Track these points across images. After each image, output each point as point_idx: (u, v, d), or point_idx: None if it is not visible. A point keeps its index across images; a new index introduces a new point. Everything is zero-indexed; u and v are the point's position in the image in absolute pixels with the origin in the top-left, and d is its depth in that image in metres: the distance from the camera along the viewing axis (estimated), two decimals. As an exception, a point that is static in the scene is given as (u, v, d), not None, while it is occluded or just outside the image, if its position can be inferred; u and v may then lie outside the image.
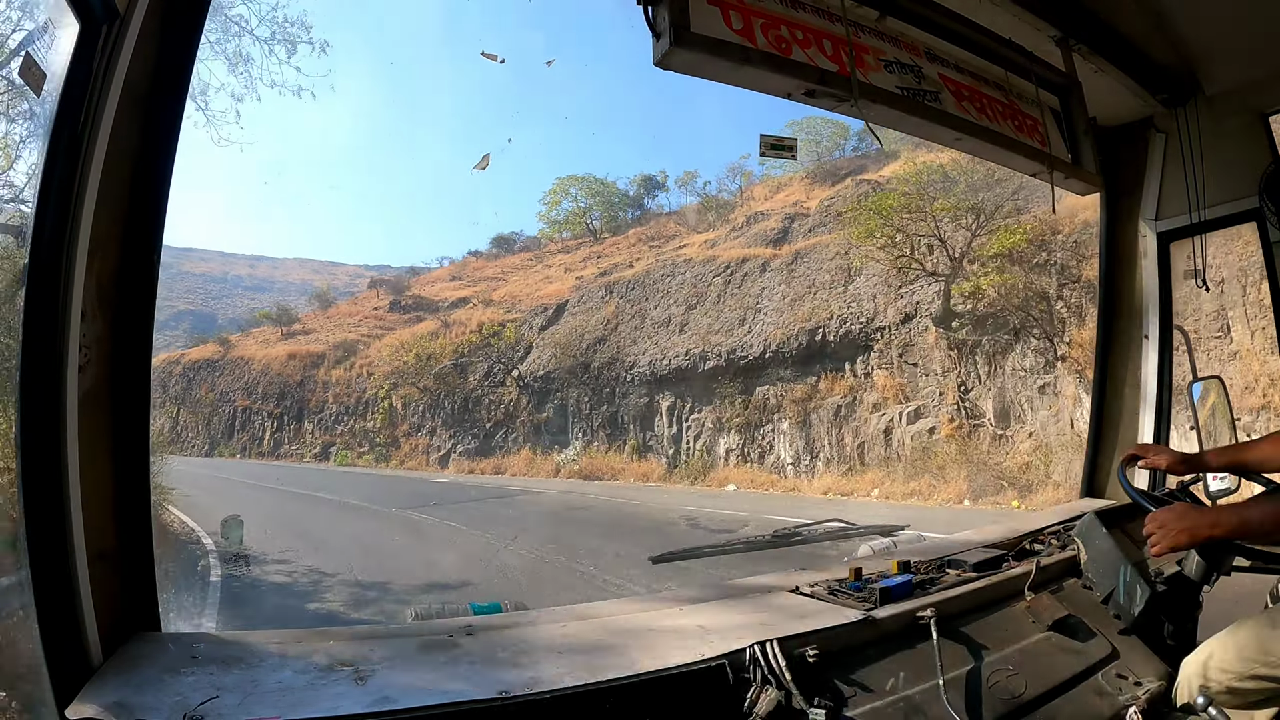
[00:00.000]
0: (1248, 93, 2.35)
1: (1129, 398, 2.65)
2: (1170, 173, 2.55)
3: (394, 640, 1.28)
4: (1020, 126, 2.01)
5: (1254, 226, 2.39)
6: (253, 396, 33.53)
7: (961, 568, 1.78)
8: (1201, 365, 2.69)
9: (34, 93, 1.07)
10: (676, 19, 1.36)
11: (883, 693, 1.32)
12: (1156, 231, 2.59)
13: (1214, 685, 1.58)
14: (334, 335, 34.29)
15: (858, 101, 1.60)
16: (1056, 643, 1.63)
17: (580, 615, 1.48)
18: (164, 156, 1.22)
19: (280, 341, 35.73)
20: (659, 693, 1.17)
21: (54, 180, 1.08)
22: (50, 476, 1.06)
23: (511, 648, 1.26)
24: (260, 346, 36.11)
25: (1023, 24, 2.06)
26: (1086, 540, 1.91)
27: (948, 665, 1.37)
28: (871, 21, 1.79)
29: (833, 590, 1.61)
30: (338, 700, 1.04)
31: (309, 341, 34.92)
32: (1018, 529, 2.20)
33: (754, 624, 1.40)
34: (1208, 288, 2.54)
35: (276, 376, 33.28)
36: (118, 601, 1.16)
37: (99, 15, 1.11)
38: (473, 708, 1.05)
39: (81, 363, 1.11)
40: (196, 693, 1.02)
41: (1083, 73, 2.19)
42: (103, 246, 1.14)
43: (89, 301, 1.12)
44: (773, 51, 1.52)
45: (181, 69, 1.24)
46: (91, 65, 1.11)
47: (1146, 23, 2.24)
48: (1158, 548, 1.59)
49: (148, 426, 1.22)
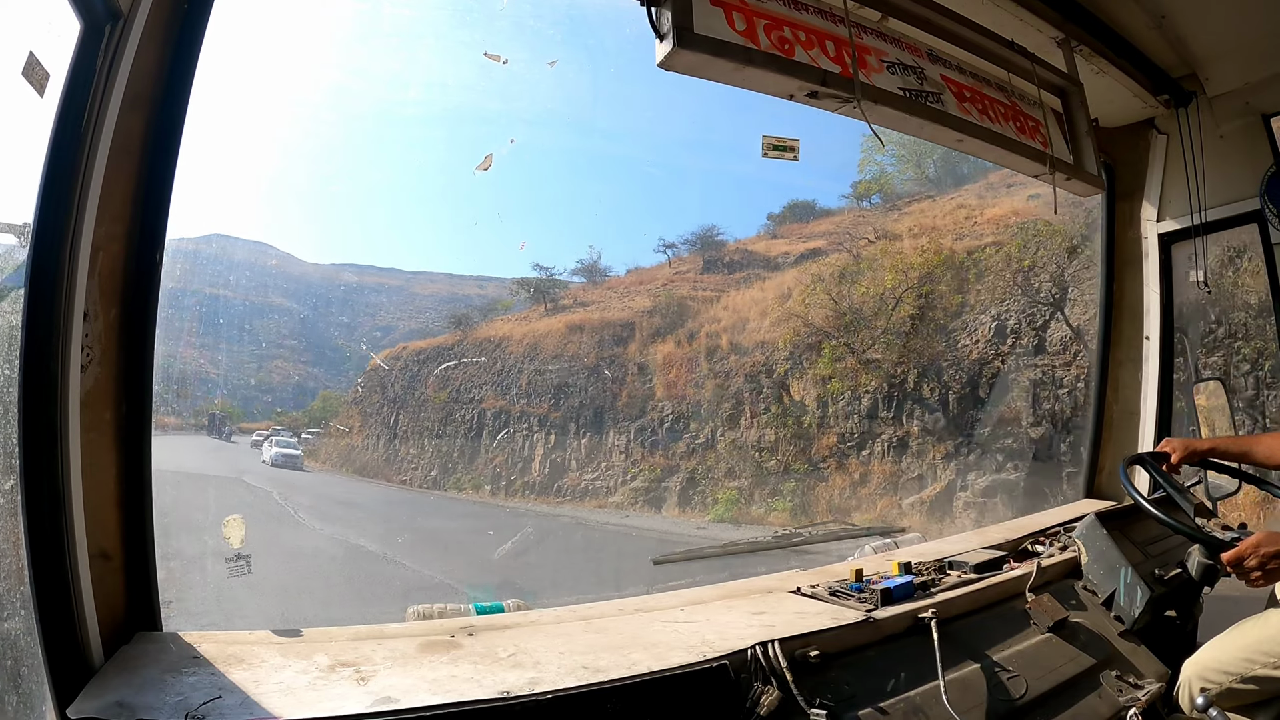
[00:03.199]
0: (1249, 94, 2.35)
1: (1130, 399, 2.65)
2: (1171, 174, 2.55)
3: (396, 640, 1.28)
4: (1022, 128, 2.00)
5: (1255, 228, 2.40)
6: (509, 394, 21.47)
7: (962, 569, 1.78)
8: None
9: (37, 92, 1.07)
10: (680, 20, 1.36)
11: (884, 693, 1.32)
12: (1158, 233, 2.59)
13: (1214, 686, 1.58)
14: (635, 301, 22.73)
15: (860, 103, 1.60)
16: (1057, 644, 1.63)
17: (582, 616, 1.48)
18: (167, 156, 1.22)
19: (546, 316, 23.81)
20: (661, 693, 1.16)
21: (57, 179, 1.08)
22: (51, 475, 1.06)
23: (513, 648, 1.26)
24: (517, 323, 24.32)
25: (1025, 25, 2.06)
26: (1087, 541, 1.91)
27: (948, 666, 1.37)
28: (874, 23, 1.79)
29: (834, 591, 1.61)
30: (339, 700, 1.04)
31: (596, 310, 22.99)
32: (1018, 530, 2.20)
33: (755, 625, 1.40)
34: (1209, 289, 2.54)
35: (550, 362, 21.28)
36: (119, 601, 1.16)
37: (102, 15, 1.11)
38: (475, 708, 1.05)
39: (84, 362, 1.11)
40: (198, 693, 1.02)
41: (1084, 74, 2.19)
42: (105, 246, 1.14)
43: (91, 301, 1.12)
44: (776, 53, 1.52)
45: (185, 69, 1.24)
46: (95, 65, 1.11)
47: (1148, 24, 2.24)
48: (1261, 582, 1.52)
49: (150, 426, 1.22)
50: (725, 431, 16.58)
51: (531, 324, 23.61)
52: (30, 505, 1.05)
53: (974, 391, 13.90)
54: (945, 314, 14.86)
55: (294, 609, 8.76)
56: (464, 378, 22.79)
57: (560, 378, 20.47)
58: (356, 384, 27.44)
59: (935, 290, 15.08)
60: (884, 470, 14.16)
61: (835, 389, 15.35)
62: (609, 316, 21.95)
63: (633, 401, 18.73)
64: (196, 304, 24.30)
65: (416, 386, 24.16)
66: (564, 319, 22.74)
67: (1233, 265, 10.07)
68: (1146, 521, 1.87)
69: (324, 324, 33.92)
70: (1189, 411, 2.49)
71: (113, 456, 1.17)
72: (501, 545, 12.94)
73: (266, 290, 32.04)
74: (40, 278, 1.06)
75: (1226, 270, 10.02)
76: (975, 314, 14.56)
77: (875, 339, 15.39)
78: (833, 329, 16.05)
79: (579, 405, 19.55)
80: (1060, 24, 2.10)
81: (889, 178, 20.60)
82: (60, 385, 1.07)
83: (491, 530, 14.58)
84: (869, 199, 21.48)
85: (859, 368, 15.26)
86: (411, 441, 22.58)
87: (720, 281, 22.06)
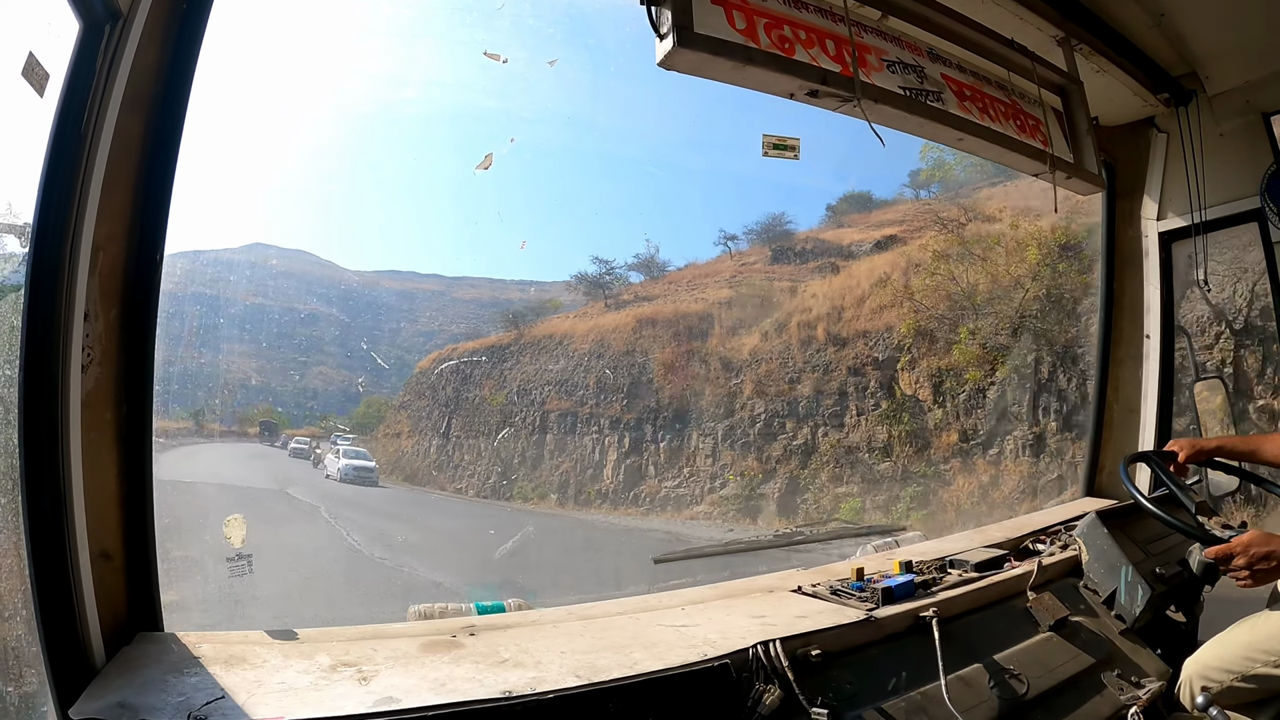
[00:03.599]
0: (1249, 93, 2.35)
1: (1130, 397, 2.65)
2: (1172, 173, 2.55)
3: (397, 640, 1.28)
4: (1022, 126, 2.00)
5: (1255, 227, 2.39)
6: (574, 394, 19.43)
7: (963, 568, 1.78)
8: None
9: (37, 93, 1.07)
10: (680, 19, 1.36)
11: (885, 692, 1.32)
12: (1158, 231, 2.59)
13: (1215, 685, 1.58)
14: (706, 293, 21.00)
15: (861, 102, 1.60)
16: (1058, 643, 1.63)
17: (583, 615, 1.48)
18: (167, 155, 1.22)
19: (608, 311, 22.09)
20: (662, 692, 1.16)
21: (57, 179, 1.08)
22: (52, 476, 1.06)
23: (515, 647, 1.26)
24: (578, 319, 22.47)
25: (1025, 24, 2.05)
26: (1088, 540, 1.91)
27: (950, 665, 1.37)
28: (874, 21, 1.78)
29: (835, 590, 1.61)
30: (341, 700, 1.04)
31: (665, 303, 21.13)
32: (1019, 529, 2.20)
33: (756, 624, 1.40)
34: (1209, 287, 2.54)
35: (620, 358, 19.14)
36: (120, 601, 1.16)
37: (101, 15, 1.11)
38: (476, 708, 1.05)
39: (84, 362, 1.11)
40: (200, 693, 1.02)
41: (1084, 73, 2.19)
42: (106, 246, 1.14)
43: (92, 301, 1.12)
44: (776, 52, 1.52)
45: (185, 68, 1.23)
46: (94, 64, 1.11)
47: (1148, 23, 2.24)
48: (1248, 583, 1.50)
49: (151, 426, 1.21)
50: (828, 431, 14.62)
51: (593, 319, 21.59)
52: (31, 505, 1.05)
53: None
54: (1073, 296, 12.75)
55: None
56: (523, 378, 20.93)
57: (633, 375, 18.39)
58: (403, 389, 25.84)
59: (1060, 270, 12.93)
60: (1019, 471, 12.25)
61: (956, 381, 13.23)
62: (683, 309, 19.78)
63: (718, 399, 16.41)
64: (236, 313, 24.12)
65: (469, 388, 22.50)
66: (631, 313, 20.75)
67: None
68: (1147, 520, 1.87)
69: (365, 330, 33.18)
70: (1190, 410, 2.49)
71: (114, 457, 1.17)
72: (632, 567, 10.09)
73: (307, 297, 31.69)
74: (41, 278, 1.06)
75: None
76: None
77: (1002, 324, 13.25)
78: (950, 314, 13.94)
79: (655, 405, 17.42)
80: (1060, 22, 2.09)
81: (949, 166, 19.28)
82: (61, 385, 1.07)
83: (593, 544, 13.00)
84: (929, 188, 20.67)
85: (983, 356, 13.20)
86: (465, 447, 20.91)
87: (793, 271, 20.28)
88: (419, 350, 29.21)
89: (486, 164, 17.11)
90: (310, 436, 24.78)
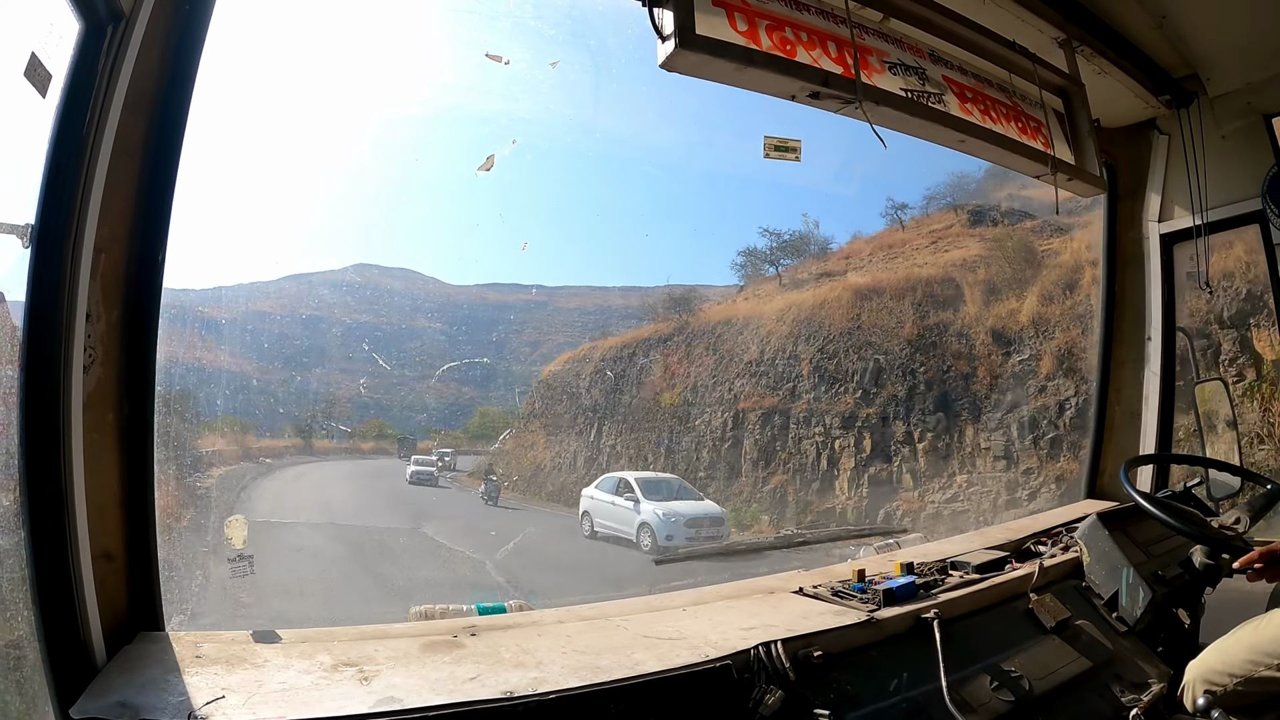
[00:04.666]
0: (1251, 94, 2.35)
1: (1131, 399, 2.65)
2: (1173, 174, 2.55)
3: (398, 640, 1.28)
4: (1024, 128, 2.00)
5: (1256, 228, 2.39)
6: (780, 387, 15.31)
7: (964, 569, 1.78)
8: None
9: (39, 93, 1.07)
10: (682, 21, 1.37)
11: (886, 694, 1.32)
12: (1159, 233, 2.59)
13: (1218, 689, 1.57)
14: (923, 256, 16.70)
15: (862, 104, 1.60)
16: (1059, 644, 1.63)
17: (584, 616, 1.48)
18: (169, 156, 1.22)
19: (814, 284, 17.74)
20: (664, 693, 1.16)
21: (59, 180, 1.08)
22: (54, 476, 1.06)
23: (516, 648, 1.26)
24: (761, 300, 18.55)
25: (1026, 26, 2.05)
26: (1089, 542, 1.90)
27: (951, 667, 1.37)
28: (875, 23, 1.78)
29: (836, 591, 1.61)
30: (342, 700, 1.04)
31: (879, 271, 16.98)
32: (1020, 531, 2.19)
33: (758, 625, 1.40)
34: (1211, 289, 2.54)
35: (836, 340, 15.14)
36: (121, 601, 1.16)
37: (104, 16, 1.11)
38: (477, 708, 1.05)
39: (86, 363, 1.11)
40: (200, 693, 1.02)
41: (1086, 74, 2.19)
42: (107, 247, 1.14)
43: (94, 302, 1.12)
44: (777, 53, 1.52)
45: (187, 69, 1.24)
46: (96, 65, 1.11)
47: (1150, 24, 2.24)
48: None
49: (152, 426, 1.22)
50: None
51: (784, 296, 17.68)
52: (33, 506, 1.05)
53: None
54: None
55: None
56: (694, 374, 17.40)
57: (863, 358, 14.27)
58: (530, 397, 22.87)
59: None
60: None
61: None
62: (917, 274, 15.56)
63: (999, 384, 12.71)
64: (342, 332, 24.27)
65: (622, 389, 19.08)
66: (848, 282, 16.46)
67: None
68: (1148, 522, 1.87)
69: (473, 343, 32.60)
70: (1191, 412, 2.48)
71: (115, 457, 1.17)
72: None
73: (414, 313, 31.57)
74: (42, 279, 1.07)
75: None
76: None
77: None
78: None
79: (905, 394, 13.36)
80: (1061, 24, 2.09)
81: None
82: (62, 386, 1.07)
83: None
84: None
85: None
86: (624, 457, 17.17)
87: (1005, 233, 15.76)
88: (522, 360, 28.86)
89: (488, 165, 17.16)
90: (428, 451, 22.59)
